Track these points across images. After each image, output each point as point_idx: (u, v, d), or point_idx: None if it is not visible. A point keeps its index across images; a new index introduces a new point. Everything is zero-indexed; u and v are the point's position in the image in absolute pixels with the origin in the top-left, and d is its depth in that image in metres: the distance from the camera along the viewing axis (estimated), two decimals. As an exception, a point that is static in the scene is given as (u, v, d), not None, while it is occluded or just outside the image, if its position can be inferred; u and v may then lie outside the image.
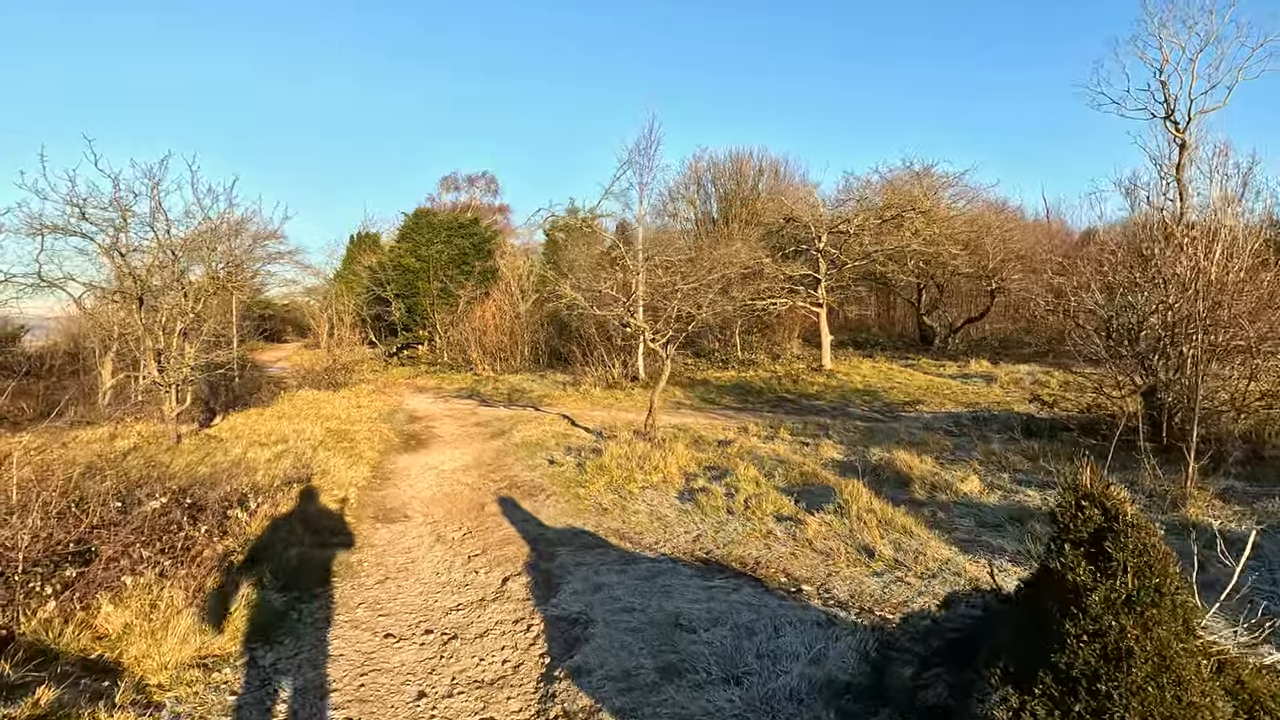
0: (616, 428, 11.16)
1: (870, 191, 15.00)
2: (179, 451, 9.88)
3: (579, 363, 17.49)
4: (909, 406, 11.50)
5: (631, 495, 6.87)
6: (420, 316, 26.97)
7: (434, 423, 13.24)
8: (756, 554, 4.86)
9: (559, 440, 10.50)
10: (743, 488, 6.52)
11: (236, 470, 8.67)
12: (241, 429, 11.99)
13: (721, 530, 5.48)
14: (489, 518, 6.58)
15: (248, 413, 13.82)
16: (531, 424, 12.29)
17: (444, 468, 9.13)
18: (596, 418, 12.67)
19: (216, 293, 10.86)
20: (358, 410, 14.57)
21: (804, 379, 15.37)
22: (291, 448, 9.89)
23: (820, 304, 15.17)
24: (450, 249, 26.31)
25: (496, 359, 22.87)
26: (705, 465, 7.90)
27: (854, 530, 5.04)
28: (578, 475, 7.87)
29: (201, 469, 8.79)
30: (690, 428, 10.37)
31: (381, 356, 27.36)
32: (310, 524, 6.17)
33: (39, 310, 14.88)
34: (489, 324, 23.07)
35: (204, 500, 5.38)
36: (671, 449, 8.26)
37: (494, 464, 9.20)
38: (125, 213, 9.56)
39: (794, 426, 9.73)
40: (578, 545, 5.48)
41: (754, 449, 8.57)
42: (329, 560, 5.27)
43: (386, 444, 10.95)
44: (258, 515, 5.77)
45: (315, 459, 9.23)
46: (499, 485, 7.93)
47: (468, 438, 11.42)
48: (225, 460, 9.27)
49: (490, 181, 50.12)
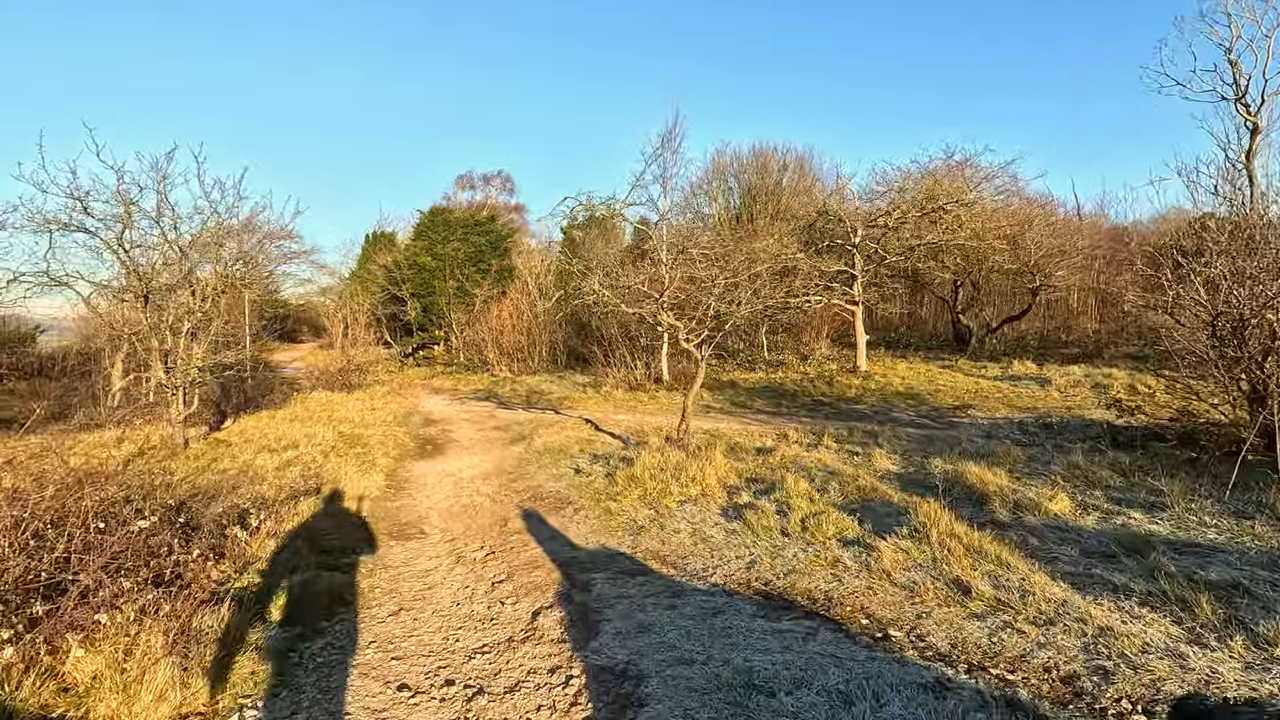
0: (644, 433, 10.56)
1: (910, 183, 14.25)
2: (185, 457, 9.45)
3: (600, 364, 16.92)
4: (959, 411, 10.75)
5: (669, 511, 6.25)
6: (436, 316, 26.62)
7: (451, 426, 12.75)
8: (825, 587, 4.22)
9: (583, 447, 9.92)
10: (795, 504, 5.87)
11: (242, 479, 8.21)
12: (252, 433, 11.57)
13: (779, 556, 4.84)
14: (512, 535, 6.00)
15: (259, 415, 13.43)
16: (553, 428, 11.74)
17: (462, 476, 8.59)
18: (621, 422, 12.08)
19: (225, 291, 10.43)
20: (372, 413, 14.14)
21: (839, 381, 14.65)
22: (302, 454, 9.42)
23: (856, 302, 14.45)
24: (467, 247, 25.91)
25: (514, 359, 22.40)
26: (747, 477, 7.26)
27: (937, 559, 4.37)
28: (607, 487, 7.27)
29: (206, 477, 8.34)
30: (724, 434, 9.73)
31: (397, 357, 27.06)
32: (318, 542, 5.64)
33: (49, 310, 14.67)
34: (506, 323, 22.62)
35: (199, 518, 4.86)
36: (708, 458, 7.64)
37: (515, 472, 8.64)
38: (129, 207, 9.15)
39: (838, 433, 9.05)
40: (615, 571, 4.87)
41: (798, 458, 7.92)
42: (337, 586, 4.72)
43: (401, 449, 10.45)
44: (260, 533, 5.25)
45: (326, 466, 8.75)
46: (522, 497, 7.36)
47: (487, 443, 10.89)
48: (232, 467, 8.81)
49: (506, 180, 49.87)
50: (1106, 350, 18.76)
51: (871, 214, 14.48)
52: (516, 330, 22.52)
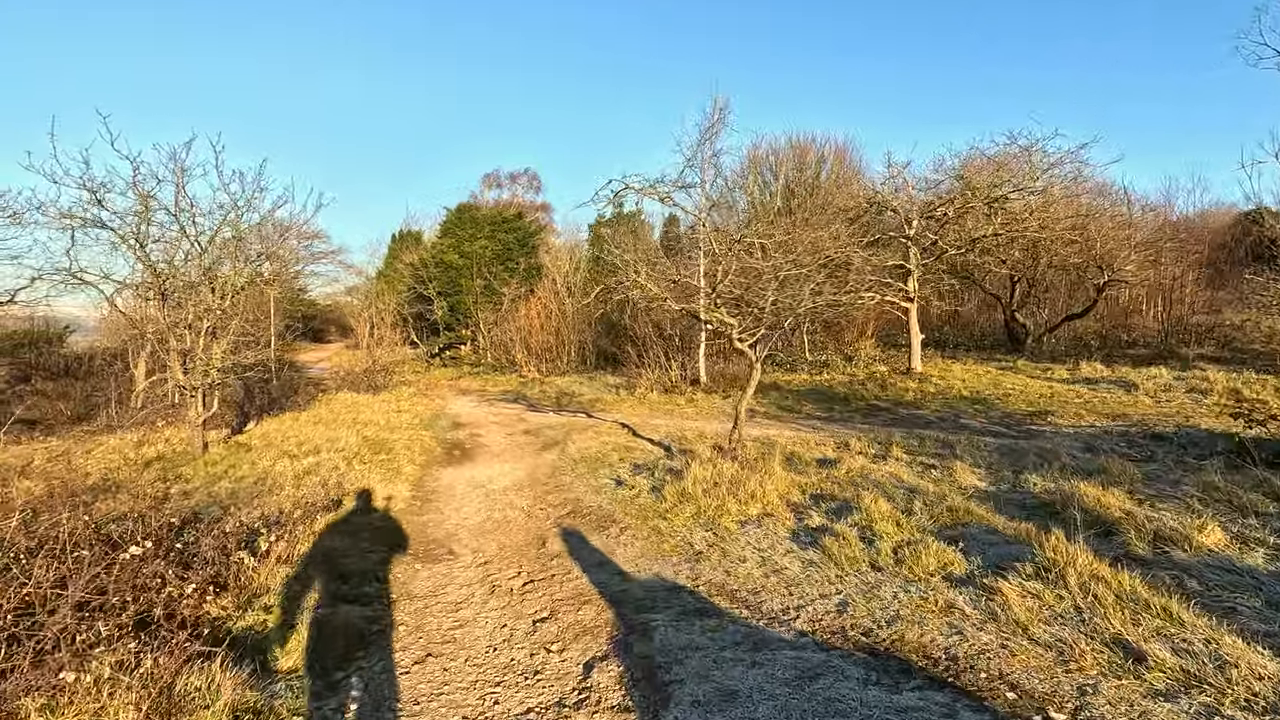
0: (686, 439, 9.83)
1: (972, 170, 13.22)
2: (203, 463, 9.02)
3: (633, 365, 16.23)
4: (1037, 419, 9.78)
5: (729, 534, 5.52)
6: (463, 315, 26.25)
7: (479, 430, 12.18)
8: (944, 642, 3.44)
9: (622, 454, 9.23)
10: (880, 529, 5.08)
11: (260, 488, 7.71)
12: (274, 436, 11.15)
13: (874, 597, 4.07)
14: (552, 560, 5.33)
15: (282, 418, 13.05)
16: (587, 433, 11.08)
17: (493, 486, 7.97)
18: (659, 427, 11.37)
19: (245, 288, 9.99)
20: (397, 415, 13.66)
21: (893, 384, 13.71)
22: (323, 461, 8.91)
23: (911, 299, 13.50)
24: (494, 244, 25.47)
25: (542, 360, 21.86)
26: (812, 493, 6.48)
27: (1081, 608, 3.56)
28: (655, 503, 6.56)
29: (222, 485, 7.87)
30: (776, 441, 8.95)
31: (423, 357, 26.76)
32: (335, 565, 5.04)
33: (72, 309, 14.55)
34: (534, 323, 22.09)
35: (201, 542, 4.28)
36: (767, 471, 6.87)
37: (550, 483, 7.99)
38: (147, 200, 8.74)
39: (907, 443, 8.20)
40: (677, 610, 4.16)
41: (866, 472, 7.10)
42: (355, 624, 4.10)
43: (428, 455, 9.89)
44: (270, 558, 4.65)
45: (348, 475, 8.21)
46: (559, 512, 6.69)
47: (517, 449, 10.28)
48: (250, 475, 8.33)
49: (533, 178, 49.58)
50: (1179, 351, 17.44)
51: (931, 203, 13.49)
52: (545, 330, 21.97)
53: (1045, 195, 12.79)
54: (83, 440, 11.33)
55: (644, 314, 17.02)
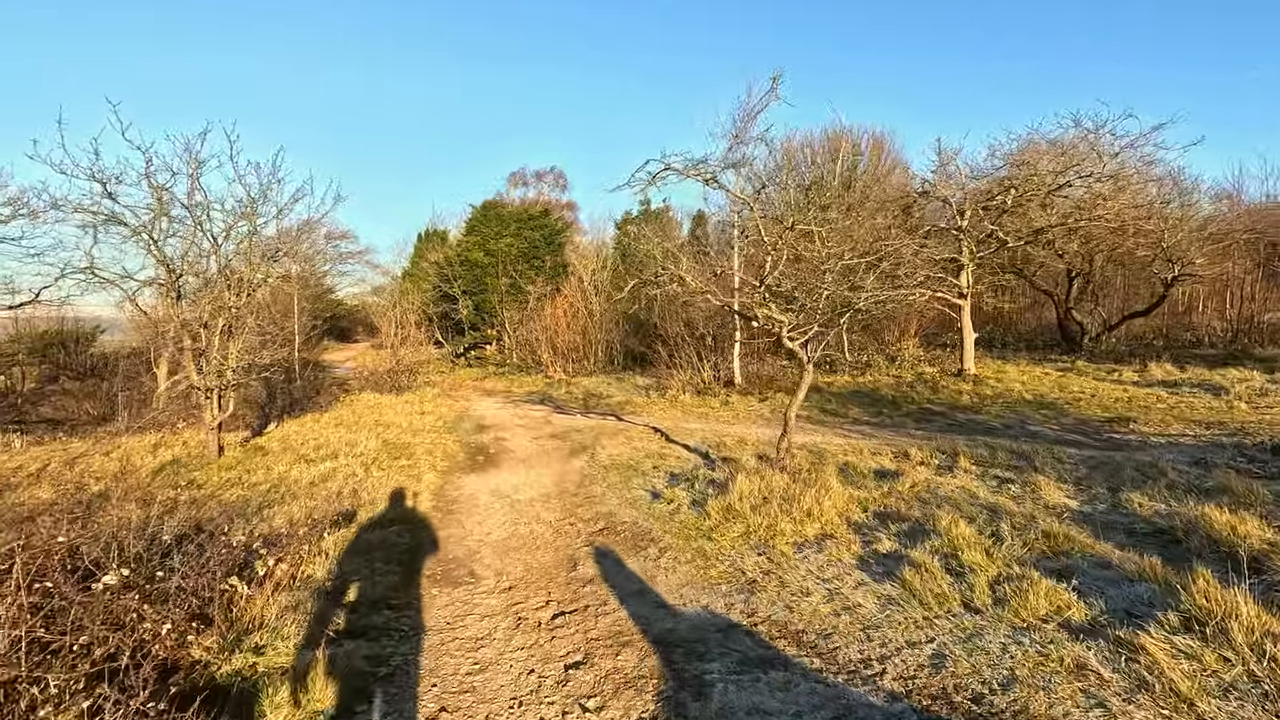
0: (724, 445, 9.16)
1: (1033, 155, 12.23)
2: (217, 467, 8.66)
3: (663, 365, 15.60)
4: (1117, 426, 8.86)
5: (786, 559, 4.85)
6: (488, 314, 25.92)
7: (504, 433, 11.68)
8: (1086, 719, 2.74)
9: (656, 462, 8.61)
10: (968, 558, 4.36)
11: (272, 495, 7.28)
12: (293, 439, 10.81)
13: (977, 647, 3.38)
14: (585, 586, 4.73)
15: (303, 419, 12.74)
16: (617, 438, 10.49)
17: (518, 496, 7.42)
18: (694, 431, 10.72)
19: (263, 285, 9.62)
20: (420, 417, 13.25)
21: (944, 386, 12.83)
22: (340, 466, 8.47)
23: (964, 294, 12.59)
24: (520, 242, 25.07)
25: (568, 360, 21.36)
26: (875, 511, 5.77)
27: (1258, 676, 2.83)
28: (697, 520, 5.92)
29: (234, 492, 7.46)
30: (826, 450, 8.23)
31: (448, 357, 26.52)
32: (343, 591, 4.52)
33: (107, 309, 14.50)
34: (560, 322, 21.61)
35: (186, 570, 3.77)
36: (822, 484, 6.17)
37: (579, 493, 7.41)
38: (161, 194, 8.40)
39: (974, 453, 7.41)
40: (736, 657, 3.52)
41: (934, 486, 6.36)
42: (358, 667, 3.55)
43: (450, 461, 9.40)
44: (269, 583, 4.14)
45: (366, 482, 7.74)
46: (591, 528, 6.10)
47: (544, 454, 9.73)
48: (264, 481, 7.93)
49: (559, 177, 49.28)
50: (1252, 351, 16.15)
51: (988, 191, 12.54)
52: (571, 329, 21.48)
53: (1114, 182, 11.78)
54: (102, 441, 11.14)
55: (675, 312, 16.37)
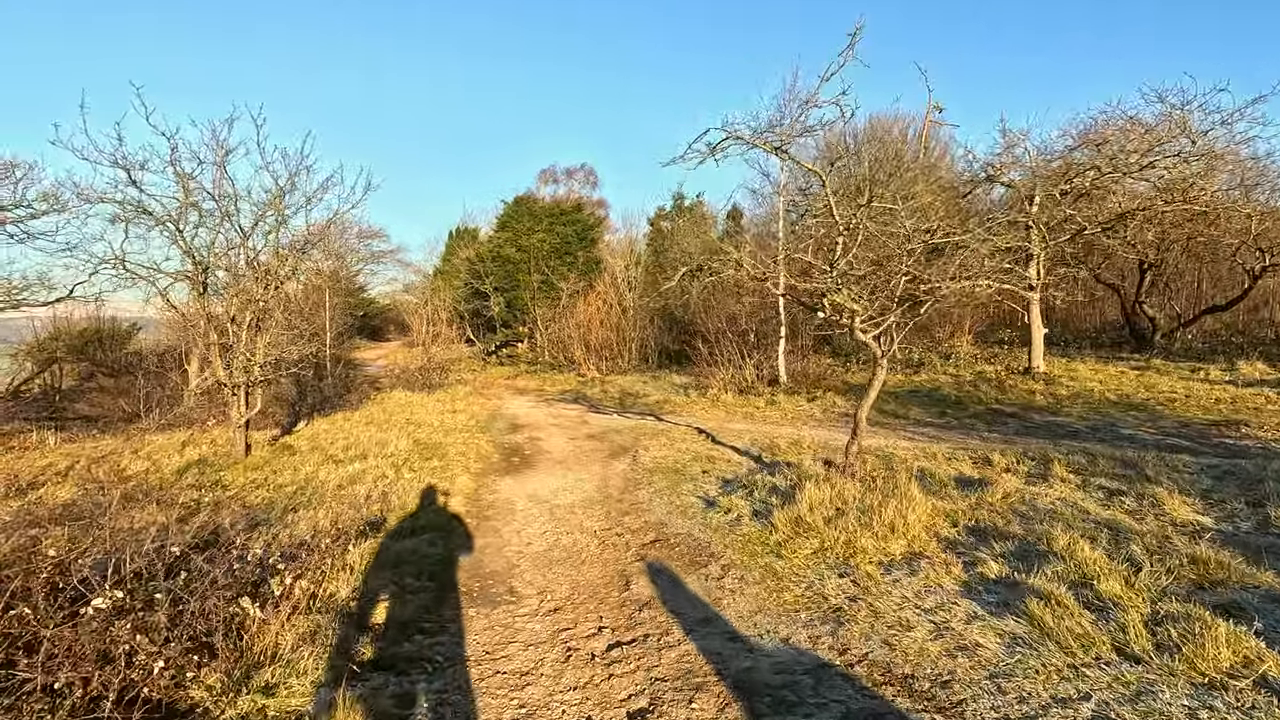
0: (778, 448, 8.50)
1: (1117, 132, 11.19)
2: (242, 468, 8.33)
3: (703, 362, 14.94)
4: (1224, 429, 7.92)
5: (874, 583, 4.19)
6: (520, 311, 25.60)
7: (539, 433, 11.19)
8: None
9: (704, 466, 7.99)
10: (1105, 589, 3.65)
11: (298, 498, 6.87)
12: (322, 438, 10.49)
13: (1150, 710, 2.68)
14: (641, 609, 4.14)
15: (333, 418, 12.46)
16: (659, 439, 9.90)
17: (558, 502, 6.88)
18: (741, 433, 10.06)
19: (291, 277, 9.28)
20: (452, 416, 12.87)
21: (1012, 385, 11.92)
22: (370, 468, 8.05)
23: (1033, 287, 11.63)
24: (552, 238, 24.66)
25: (602, 358, 20.86)
26: (966, 525, 5.06)
27: None
28: (761, 532, 5.29)
29: (259, 494, 7.08)
30: (894, 454, 7.50)
31: (480, 355, 26.29)
32: (369, 612, 4.02)
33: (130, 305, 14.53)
34: (594, 319, 21.12)
35: (199, 582, 3.29)
36: (903, 495, 5.47)
37: (625, 499, 6.83)
38: (186, 180, 8.10)
39: (1070, 459, 6.60)
40: (837, 712, 2.89)
41: (1029, 497, 5.61)
42: (387, 708, 3.02)
43: (484, 463, 8.94)
44: (285, 604, 3.65)
45: (396, 485, 7.30)
46: (641, 539, 5.52)
47: (583, 456, 9.19)
48: (290, 482, 7.55)
49: (589, 174, 48.96)
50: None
51: (1063, 173, 11.51)
52: (605, 326, 20.97)
53: (1206, 162, 10.69)
54: (133, 439, 11.00)
55: (716, 307, 15.72)
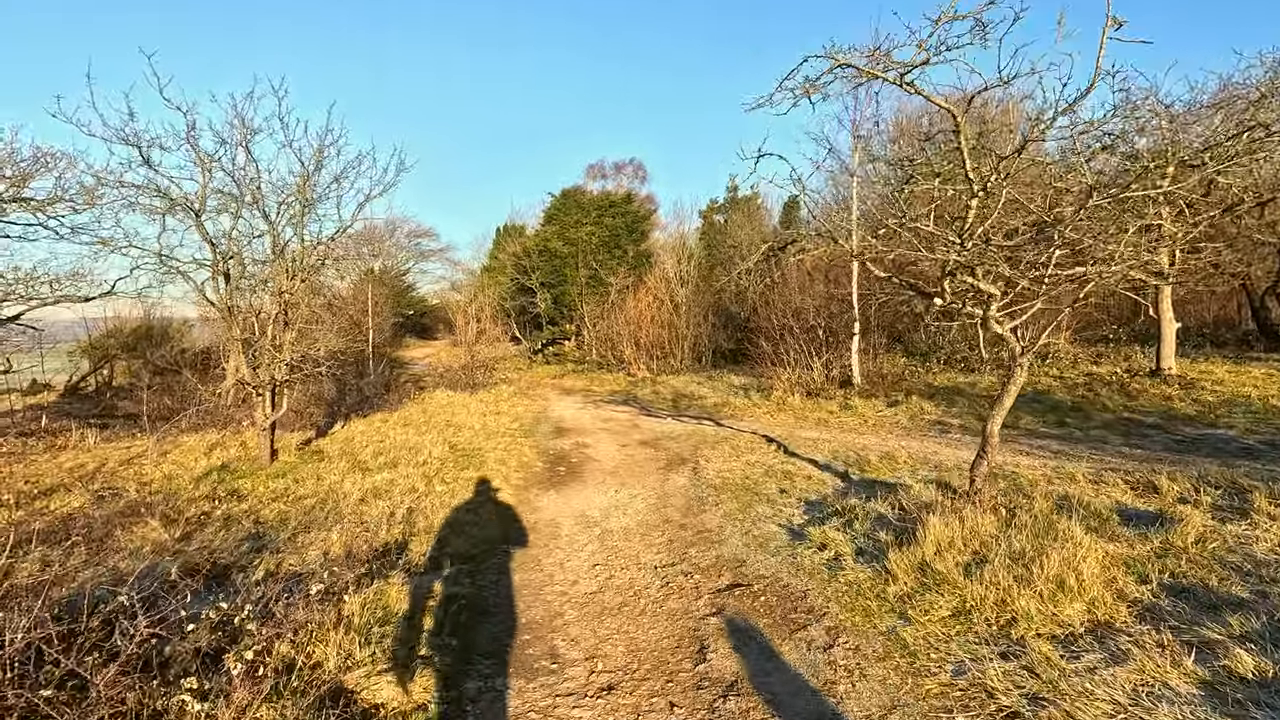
0: (867, 463, 7.23)
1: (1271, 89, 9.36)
2: (266, 475, 7.63)
3: (766, 361, 13.68)
4: None
5: (1060, 672, 2.95)
6: (567, 308, 24.81)
7: (587, 439, 10.22)
8: None
9: (780, 483, 6.82)
10: None
11: (316, 513, 6.06)
12: (356, 441, 9.80)
13: None
14: (726, 698, 3.05)
15: (371, 419, 11.82)
16: (721, 448, 8.76)
17: (609, 525, 5.85)
18: (817, 442, 8.81)
19: (321, 267, 8.58)
20: (495, 418, 12.05)
21: (1141, 390, 10.21)
22: (399, 478, 7.21)
23: (1163, 274, 9.88)
24: (601, 230, 23.75)
25: (653, 356, 19.81)
26: (1163, 582, 3.73)
27: None
28: (871, 579, 4.10)
29: (274, 508, 6.31)
30: (1018, 474, 6.13)
31: (525, 353, 25.67)
32: (359, 690, 3.05)
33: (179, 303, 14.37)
34: (644, 315, 20.08)
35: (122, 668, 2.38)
36: (1062, 535, 4.17)
37: (689, 524, 5.74)
38: (207, 162, 7.45)
39: (1271, 489, 5.11)
40: None
41: (1237, 541, 4.22)
42: None
43: (526, 472, 8.00)
44: (247, 685, 2.70)
45: (425, 500, 6.41)
46: (713, 582, 4.41)
47: (635, 467, 8.15)
48: (311, 494, 6.77)
49: (638, 168, 48.02)
50: None
51: (1206, 140, 9.73)
52: (656, 323, 19.90)
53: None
54: (166, 439, 10.60)
55: (778, 301, 14.43)
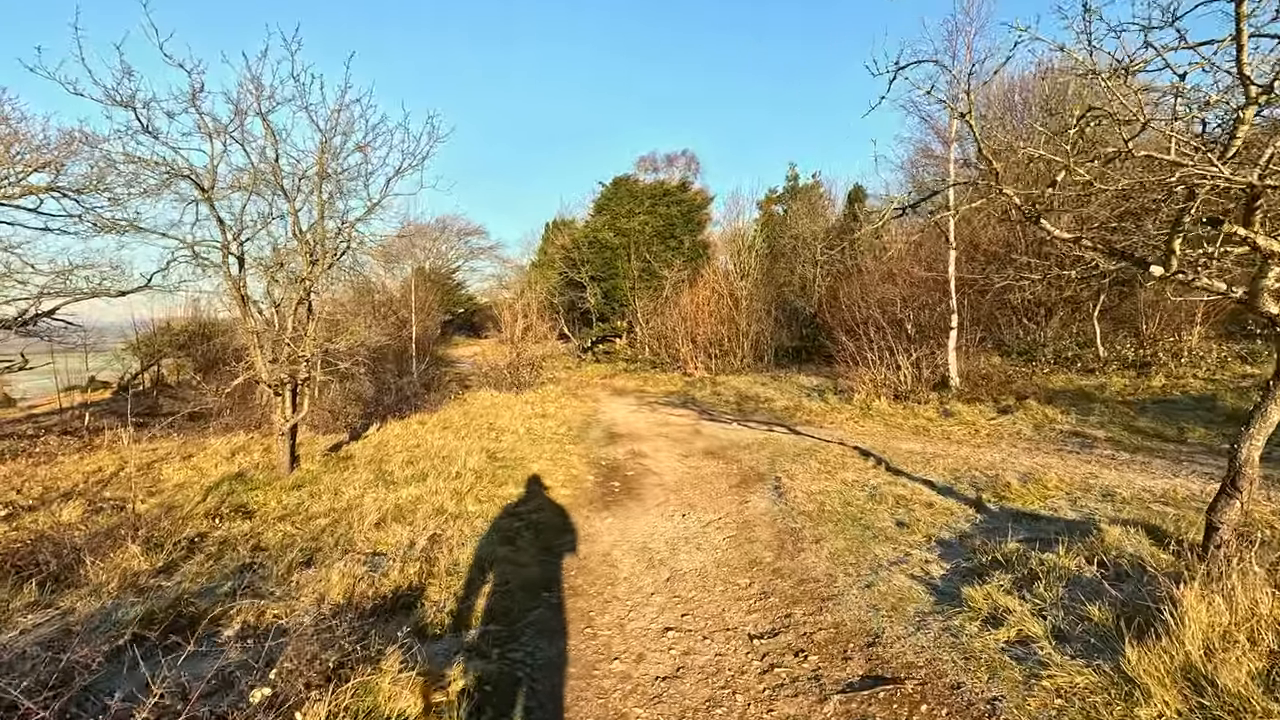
0: (1006, 487, 5.70)
1: None
2: (279, 487, 6.70)
3: (846, 360, 12.12)
4: None
5: None
6: (618, 303, 23.67)
7: (643, 446, 8.99)
8: None
9: (894, 509, 5.39)
10: None
11: (325, 538, 5.03)
12: (390, 445, 8.87)
13: None
14: None
15: (408, 421, 10.92)
16: (807, 462, 7.35)
17: (679, 565, 4.58)
18: (923, 457, 7.29)
19: (347, 251, 7.64)
20: (540, 421, 10.97)
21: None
22: (426, 494, 6.13)
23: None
24: (654, 220, 22.49)
25: (711, 355, 18.43)
26: None
27: None
28: (1104, 690, 2.68)
29: (279, 530, 5.30)
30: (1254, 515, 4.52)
31: (575, 351, 24.68)
32: None
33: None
34: (702, 311, 18.72)
35: None
36: None
37: (786, 568, 4.40)
38: (215, 129, 6.55)
39: None
40: None
41: None
42: None
43: (575, 488, 6.82)
44: None
45: (453, 526, 5.29)
46: (837, 666, 3.09)
47: (703, 483, 6.85)
48: (323, 513, 5.75)
49: (691, 160, 46.53)
50: None
51: None
52: (714, 318, 18.51)
53: None
54: (192, 440, 9.96)
55: (851, 293, 12.83)
